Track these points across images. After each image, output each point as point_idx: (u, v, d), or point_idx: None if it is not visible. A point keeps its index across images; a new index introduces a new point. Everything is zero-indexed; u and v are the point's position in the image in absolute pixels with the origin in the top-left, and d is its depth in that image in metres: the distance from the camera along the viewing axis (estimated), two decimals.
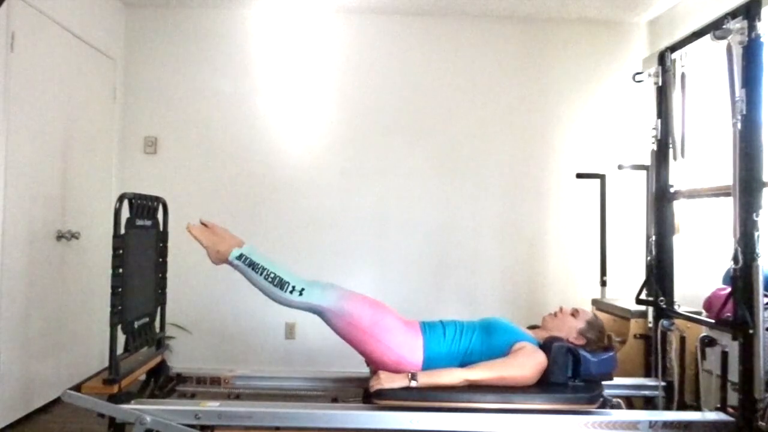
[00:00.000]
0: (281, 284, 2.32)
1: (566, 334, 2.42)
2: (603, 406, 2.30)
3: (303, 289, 2.32)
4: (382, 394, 2.17)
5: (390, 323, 2.33)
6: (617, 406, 2.35)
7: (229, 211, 4.35)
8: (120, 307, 2.19)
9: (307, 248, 4.38)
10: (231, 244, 2.40)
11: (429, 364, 2.29)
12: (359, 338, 2.32)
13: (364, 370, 2.58)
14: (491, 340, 2.34)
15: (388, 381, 2.19)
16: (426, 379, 2.20)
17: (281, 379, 2.74)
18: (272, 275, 2.33)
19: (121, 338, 2.24)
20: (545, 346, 2.33)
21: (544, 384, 2.26)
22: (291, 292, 2.32)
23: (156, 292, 2.63)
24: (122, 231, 2.21)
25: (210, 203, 4.36)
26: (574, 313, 2.48)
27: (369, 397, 2.22)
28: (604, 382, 2.35)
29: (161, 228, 2.68)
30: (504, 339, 2.34)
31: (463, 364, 2.29)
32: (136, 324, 2.38)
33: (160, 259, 2.66)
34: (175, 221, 2.81)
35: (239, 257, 2.35)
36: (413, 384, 2.17)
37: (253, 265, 2.34)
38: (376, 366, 2.34)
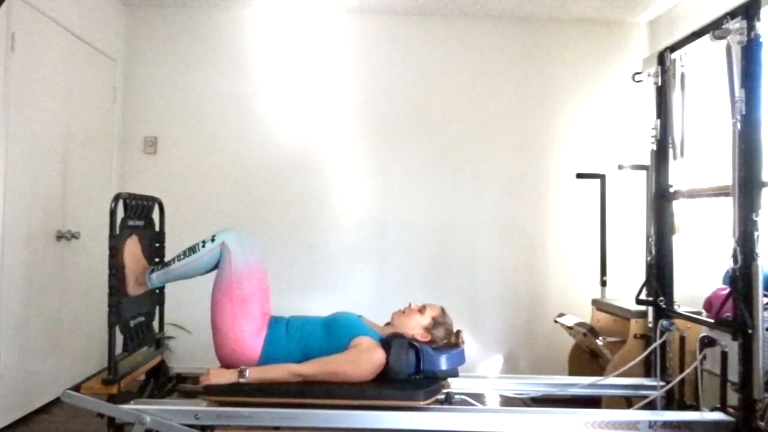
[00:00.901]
0: (193, 249, 2.30)
1: (411, 330, 2.40)
2: (448, 402, 2.32)
3: (214, 236, 2.30)
4: (212, 389, 2.16)
5: (252, 310, 2.29)
6: (462, 403, 2.36)
7: (229, 211, 4.35)
8: (117, 307, 2.19)
9: (307, 248, 4.38)
10: (141, 270, 2.37)
11: (268, 360, 2.27)
12: (223, 294, 2.29)
13: None
14: (331, 336, 2.31)
15: (216, 377, 2.18)
16: (256, 374, 2.18)
17: None
18: (183, 252, 2.31)
19: (121, 338, 2.24)
20: (386, 342, 2.31)
21: (383, 380, 2.24)
22: (204, 245, 2.29)
23: (154, 292, 2.63)
24: (117, 231, 2.22)
25: (210, 203, 4.36)
26: (422, 309, 2.46)
27: (205, 392, 2.19)
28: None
29: (157, 228, 2.68)
30: (343, 334, 2.31)
31: (303, 360, 2.26)
32: (132, 323, 2.38)
33: (157, 259, 2.67)
34: (173, 221, 2.81)
35: (151, 272, 2.34)
36: (242, 380, 2.17)
37: (165, 264, 2.34)
38: (216, 347, 2.31)
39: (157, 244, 2.68)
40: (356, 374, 2.21)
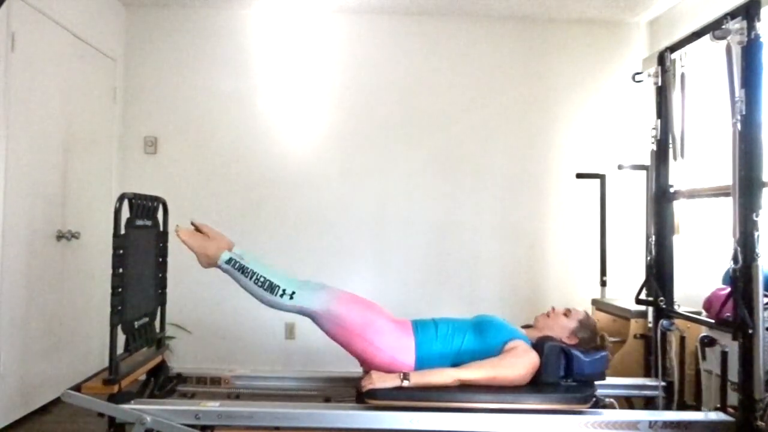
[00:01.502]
0: (271, 288, 2.30)
1: (558, 333, 2.41)
2: (595, 405, 2.30)
3: (294, 293, 2.30)
4: (374, 394, 2.17)
5: (381, 325, 2.31)
6: (610, 406, 2.35)
7: (229, 211, 4.35)
8: (120, 307, 2.19)
9: (307, 248, 4.38)
10: (221, 246, 2.38)
11: (421, 364, 2.28)
12: (350, 340, 2.31)
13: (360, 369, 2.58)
14: (484, 339, 2.32)
15: (379, 381, 2.18)
16: (418, 378, 2.19)
17: (281, 379, 2.73)
18: (262, 279, 2.31)
19: (121, 338, 2.24)
20: (538, 345, 2.32)
21: (536, 384, 2.26)
22: (282, 295, 2.30)
23: (156, 292, 2.63)
24: (122, 231, 2.22)
25: (210, 203, 4.36)
26: (567, 312, 2.47)
27: (361, 396, 2.22)
28: (599, 382, 2.35)
29: (161, 228, 2.68)
30: (497, 338, 2.32)
31: (456, 364, 2.27)
32: (136, 324, 2.38)
33: (160, 259, 2.67)
34: (174, 221, 2.81)
35: (228, 261, 2.33)
36: (405, 384, 2.17)
37: (242, 269, 2.32)
38: (369, 367, 2.33)
39: (161, 244, 2.68)
40: (515, 378, 2.22)
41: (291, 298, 2.30)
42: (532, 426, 2.13)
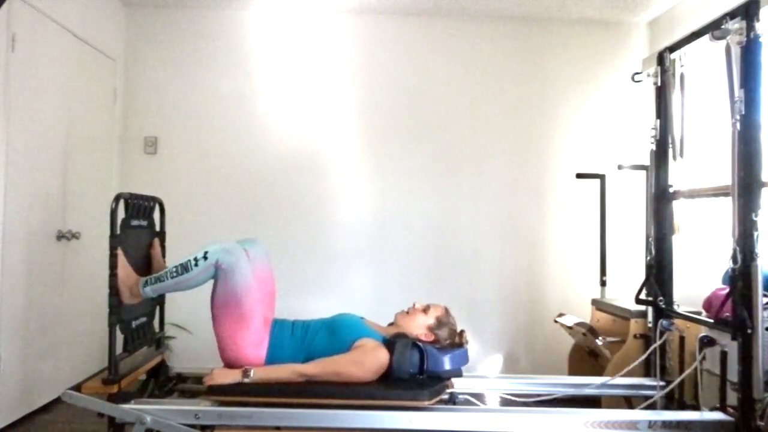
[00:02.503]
0: (186, 267, 2.23)
1: (415, 330, 2.41)
2: (452, 402, 2.32)
3: (206, 252, 2.22)
4: (217, 389, 2.17)
5: (253, 324, 2.27)
6: (465, 403, 2.36)
7: (229, 211, 4.35)
8: (118, 308, 2.20)
9: (307, 248, 4.38)
10: (134, 281, 2.32)
11: (273, 362, 2.27)
12: (222, 311, 2.26)
13: None
14: (334, 338, 2.32)
15: (220, 377, 2.18)
16: (260, 374, 2.19)
17: None
18: (175, 269, 2.24)
19: (121, 338, 2.25)
20: (390, 342, 2.31)
21: (385, 380, 2.24)
22: (196, 263, 2.21)
23: None
24: (118, 231, 2.22)
25: (210, 203, 4.36)
26: (426, 309, 2.46)
27: (209, 392, 2.19)
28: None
29: (158, 228, 2.68)
30: (346, 336, 2.31)
31: (308, 362, 2.26)
32: (134, 324, 2.38)
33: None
34: (173, 221, 2.81)
35: (145, 284, 2.27)
36: (246, 380, 2.17)
37: (158, 278, 2.28)
38: (221, 355, 2.30)
39: (159, 243, 2.68)
40: (360, 374, 2.21)
41: (205, 258, 2.21)
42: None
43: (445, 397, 2.35)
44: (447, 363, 2.33)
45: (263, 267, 2.42)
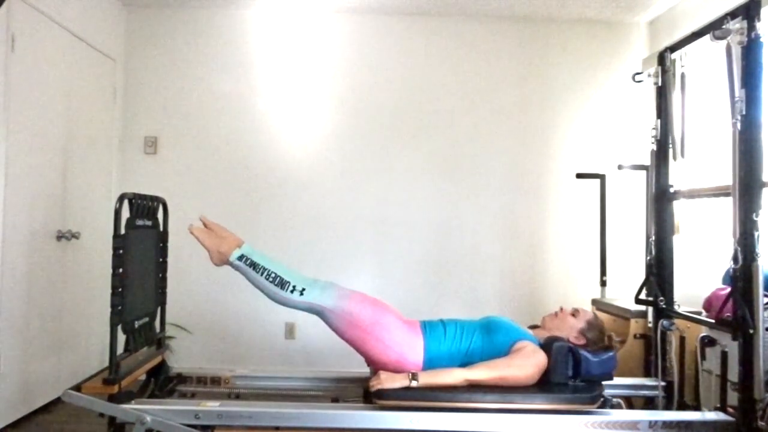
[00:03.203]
0: (282, 284, 2.32)
1: (567, 333, 2.42)
2: (603, 405, 2.30)
3: (304, 289, 2.32)
4: (383, 394, 2.17)
5: (390, 323, 2.32)
6: (617, 406, 2.36)
7: (229, 211, 4.35)
8: (120, 307, 2.20)
9: (307, 248, 4.38)
10: (231, 244, 2.39)
11: (430, 364, 2.29)
12: (359, 338, 2.32)
13: (364, 369, 2.58)
14: (492, 340, 2.34)
15: (388, 381, 2.18)
16: (426, 379, 2.20)
17: (281, 379, 2.74)
18: (273, 275, 2.33)
19: (122, 338, 2.24)
20: (546, 345, 2.33)
21: (544, 384, 2.26)
22: (292, 291, 2.32)
23: (156, 292, 2.63)
24: (122, 231, 2.22)
25: (210, 203, 4.36)
26: (575, 313, 2.48)
27: (369, 396, 2.22)
28: (604, 382, 2.35)
29: (161, 228, 2.68)
30: (505, 338, 2.33)
31: (464, 364, 2.28)
32: (137, 324, 2.38)
33: (161, 259, 2.67)
34: (175, 221, 2.81)
35: (240, 258, 2.35)
36: (414, 384, 2.17)
37: (254, 265, 2.34)
38: (376, 366, 2.33)
39: (161, 244, 2.68)
40: (523, 378, 2.23)
41: (301, 294, 2.32)
42: (534, 426, 2.14)
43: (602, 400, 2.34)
44: (599, 366, 2.33)
45: (347, 291, 2.44)
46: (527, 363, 2.24)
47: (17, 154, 3.17)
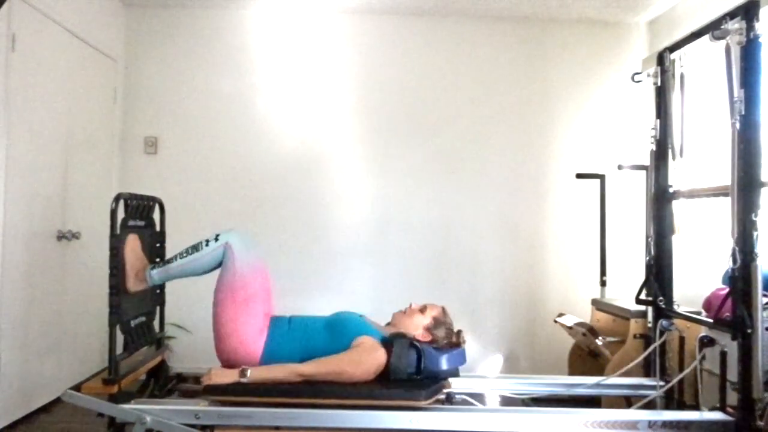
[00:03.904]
0: (196, 247, 2.29)
1: (412, 330, 2.41)
2: (449, 402, 2.32)
3: (218, 235, 2.29)
4: (214, 389, 2.16)
5: (255, 310, 2.29)
6: (462, 402, 2.36)
7: (229, 211, 4.35)
8: (118, 307, 2.20)
9: (307, 248, 4.38)
10: (141, 266, 2.37)
11: (270, 359, 2.26)
12: (226, 294, 2.29)
13: None
14: (333, 336, 2.31)
15: (218, 376, 2.18)
16: (258, 374, 2.18)
17: None
18: (185, 251, 2.31)
19: (121, 338, 2.25)
20: (388, 341, 2.31)
21: (382, 380, 2.24)
22: (207, 243, 2.29)
23: (154, 291, 2.63)
24: (118, 231, 2.22)
25: (210, 203, 4.36)
26: (423, 309, 2.46)
27: (206, 392, 2.19)
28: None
29: (158, 228, 2.68)
30: (346, 334, 2.31)
31: (305, 360, 2.25)
32: (133, 323, 2.38)
33: (158, 259, 2.67)
34: (174, 221, 2.81)
35: (152, 268, 2.33)
36: (243, 380, 2.16)
37: (167, 261, 2.35)
38: (217, 346, 2.32)
39: (158, 244, 2.68)
40: (358, 374, 2.21)
41: (216, 239, 2.28)
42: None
43: (442, 397, 2.34)
44: (444, 363, 2.33)
45: (261, 260, 2.42)
46: (361, 359, 2.22)
47: (17, 154, 3.17)
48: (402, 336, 2.35)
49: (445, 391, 2.35)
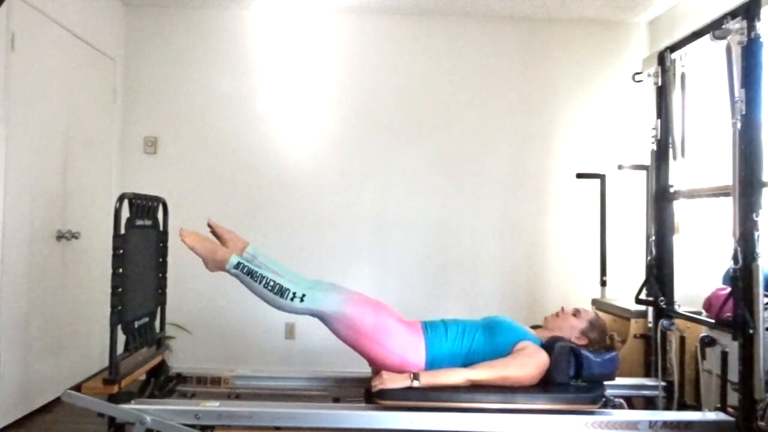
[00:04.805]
0: (281, 292, 2.30)
1: (568, 333, 2.43)
2: (605, 406, 2.30)
3: (304, 295, 2.31)
4: (385, 394, 2.17)
5: (391, 326, 2.32)
6: (619, 406, 2.35)
7: (230, 211, 4.35)
8: (120, 307, 2.20)
9: (307, 248, 4.38)
10: (230, 250, 2.38)
11: (432, 365, 2.29)
12: (361, 342, 2.32)
13: (364, 369, 2.58)
14: (494, 340, 2.34)
15: (390, 381, 2.19)
16: (428, 379, 2.20)
17: (281, 379, 2.74)
18: (271, 283, 2.31)
19: (122, 338, 2.24)
20: (547, 345, 2.33)
21: (546, 384, 2.26)
22: (292, 299, 2.30)
23: (156, 292, 2.63)
24: (122, 231, 2.22)
25: (210, 203, 4.36)
26: (576, 313, 2.48)
27: (371, 396, 2.22)
28: (606, 382, 2.35)
29: (161, 228, 2.68)
30: (507, 338, 2.33)
31: (466, 364, 2.28)
32: (137, 324, 2.38)
33: (160, 259, 2.67)
34: (175, 221, 2.81)
35: (237, 266, 2.33)
36: (415, 384, 2.17)
37: (251, 273, 2.32)
38: (378, 367, 2.33)
39: (161, 245, 2.68)
40: (525, 378, 2.23)
41: (301, 300, 2.30)
42: (534, 426, 2.14)
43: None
44: (601, 367, 2.33)
45: (350, 293, 2.44)
46: (529, 363, 2.24)
47: (17, 154, 3.17)
48: (561, 340, 2.36)
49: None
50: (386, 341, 2.29)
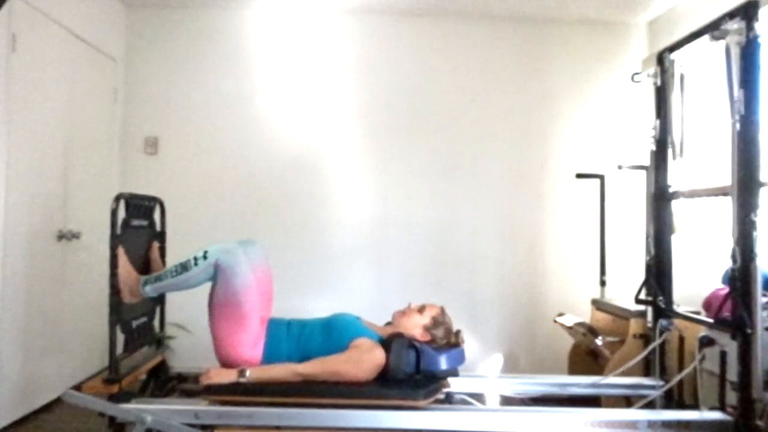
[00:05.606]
0: (186, 266, 2.26)
1: (411, 330, 2.42)
2: (448, 401, 2.33)
3: (206, 251, 2.25)
4: (213, 389, 2.17)
5: (250, 325, 2.29)
6: (461, 402, 2.37)
7: (229, 211, 4.35)
8: (118, 307, 2.20)
9: (307, 248, 4.38)
10: (134, 280, 2.36)
11: (270, 362, 2.28)
12: (220, 311, 2.29)
13: None
14: (331, 338, 2.33)
15: (217, 376, 2.19)
16: (257, 374, 2.19)
17: None
18: (174, 268, 2.28)
19: (122, 338, 2.25)
20: (387, 342, 2.32)
21: (382, 379, 2.25)
22: (196, 263, 2.24)
23: None
24: (119, 231, 2.22)
25: (210, 203, 4.36)
26: (421, 309, 2.47)
27: (205, 392, 2.20)
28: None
29: (159, 228, 2.69)
30: (343, 336, 2.33)
31: (304, 361, 2.27)
32: (134, 323, 2.38)
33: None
34: (174, 221, 2.82)
35: (145, 283, 2.32)
36: (242, 380, 2.17)
37: (158, 278, 2.32)
38: (217, 354, 2.32)
39: (159, 245, 2.68)
40: (357, 374, 2.22)
41: (205, 257, 2.24)
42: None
43: (442, 396, 2.35)
44: (443, 362, 2.34)
45: (261, 267, 2.43)
46: (360, 358, 2.23)
47: (17, 154, 3.17)
48: (400, 336, 2.36)
49: (444, 390, 2.35)
50: (234, 325, 2.26)
